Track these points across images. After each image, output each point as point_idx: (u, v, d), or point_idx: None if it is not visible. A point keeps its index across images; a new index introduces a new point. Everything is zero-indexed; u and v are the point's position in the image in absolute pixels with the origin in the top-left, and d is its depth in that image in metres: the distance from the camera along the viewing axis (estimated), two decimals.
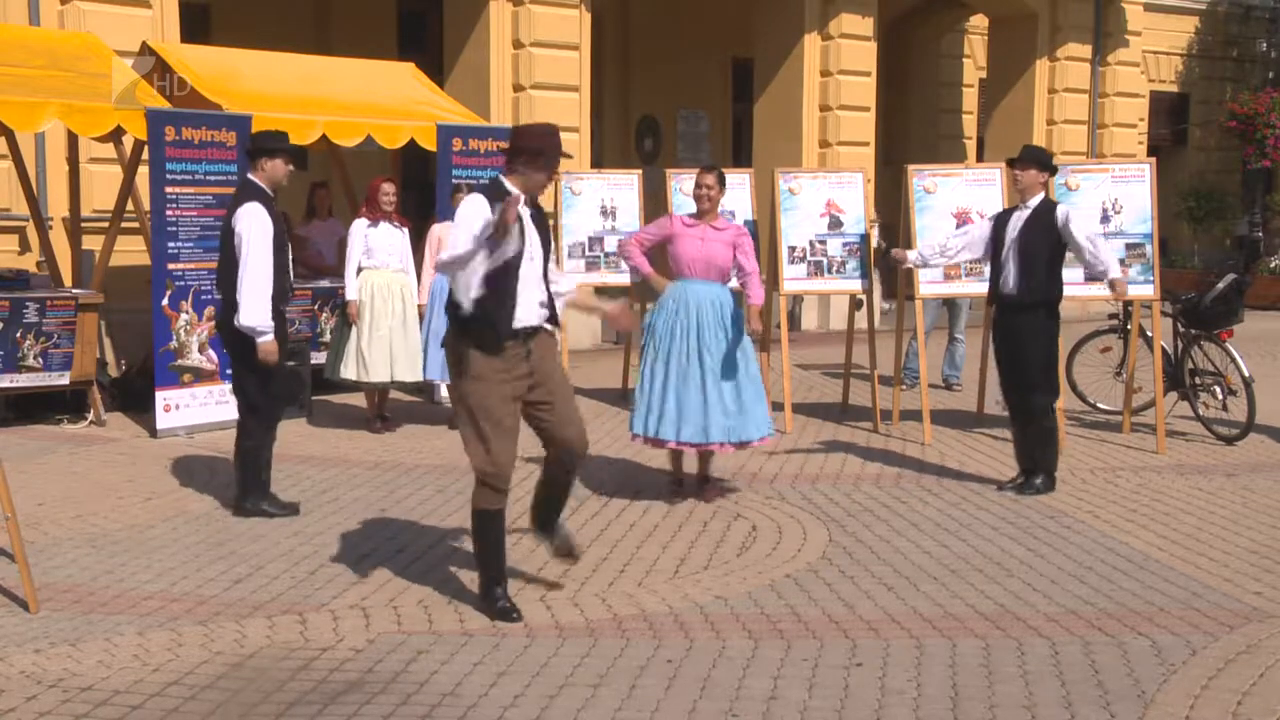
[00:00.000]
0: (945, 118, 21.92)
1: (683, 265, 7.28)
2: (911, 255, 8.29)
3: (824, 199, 9.88)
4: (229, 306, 6.79)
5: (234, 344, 6.85)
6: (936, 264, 8.40)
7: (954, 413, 10.38)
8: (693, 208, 7.49)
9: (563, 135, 5.42)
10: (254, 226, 6.71)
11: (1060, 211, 7.56)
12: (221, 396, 9.28)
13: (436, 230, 9.46)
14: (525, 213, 5.14)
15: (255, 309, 6.67)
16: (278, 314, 6.82)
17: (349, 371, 9.22)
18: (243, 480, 6.95)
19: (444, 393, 10.08)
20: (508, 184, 5.15)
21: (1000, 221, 7.71)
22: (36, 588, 5.33)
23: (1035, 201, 7.56)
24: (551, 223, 10.49)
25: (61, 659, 4.73)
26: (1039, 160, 7.66)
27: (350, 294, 9.17)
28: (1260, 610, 5.45)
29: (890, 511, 7.14)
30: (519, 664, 4.75)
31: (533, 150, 5.15)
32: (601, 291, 10.15)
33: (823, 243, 9.85)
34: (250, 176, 6.92)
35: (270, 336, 6.71)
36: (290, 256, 7.10)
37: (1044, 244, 7.47)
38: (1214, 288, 9.19)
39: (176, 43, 11.23)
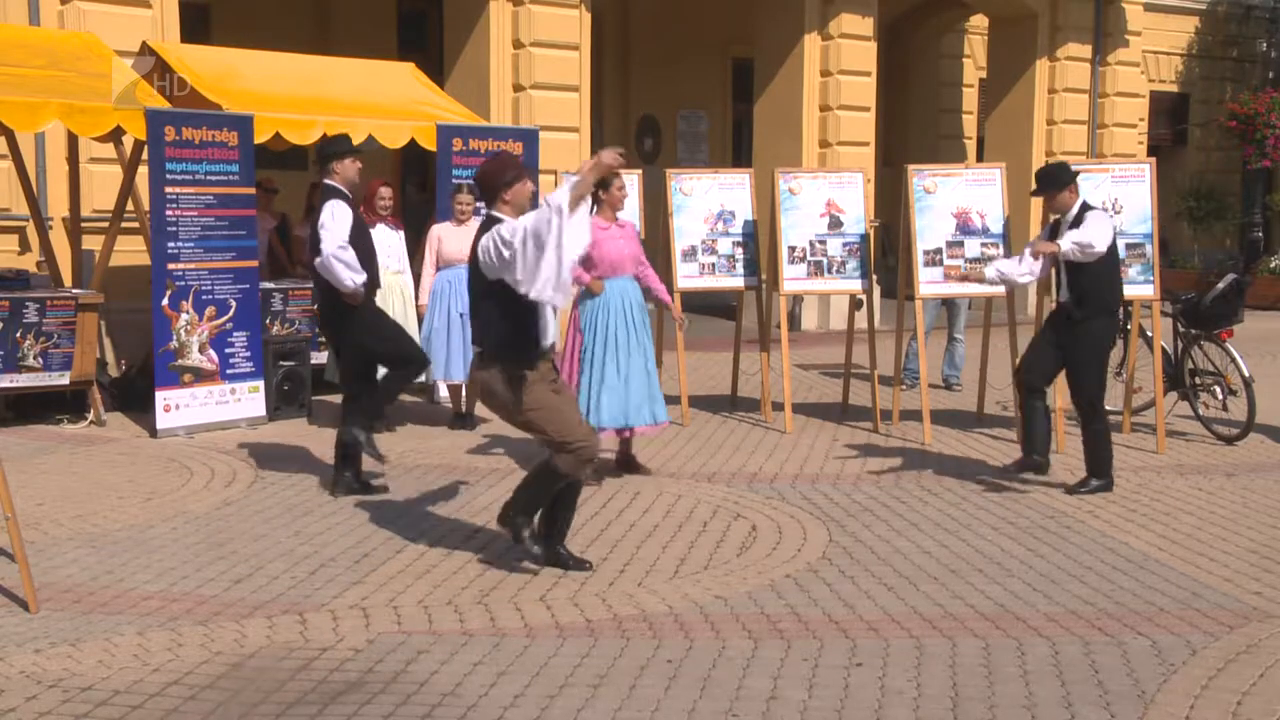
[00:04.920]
0: (945, 118, 21.94)
1: (614, 264, 7.69)
2: (990, 272, 7.84)
3: (824, 199, 9.88)
4: (324, 291, 7.27)
5: (337, 320, 7.30)
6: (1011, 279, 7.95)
7: (954, 413, 10.37)
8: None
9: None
10: (335, 213, 7.19)
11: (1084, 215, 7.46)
12: (222, 397, 9.28)
13: (436, 231, 9.45)
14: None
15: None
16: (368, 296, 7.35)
17: None
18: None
19: (443, 393, 10.07)
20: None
21: (1051, 233, 7.65)
22: (36, 588, 5.33)
23: (1073, 213, 7.51)
24: None
25: (61, 659, 4.73)
26: (1053, 180, 7.54)
27: None
28: (1260, 610, 5.45)
29: (890, 511, 7.14)
30: (519, 664, 4.75)
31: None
32: None
33: (823, 243, 9.84)
34: (328, 181, 7.39)
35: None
36: (374, 252, 7.53)
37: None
38: (1214, 288, 9.20)
39: (176, 43, 11.23)
